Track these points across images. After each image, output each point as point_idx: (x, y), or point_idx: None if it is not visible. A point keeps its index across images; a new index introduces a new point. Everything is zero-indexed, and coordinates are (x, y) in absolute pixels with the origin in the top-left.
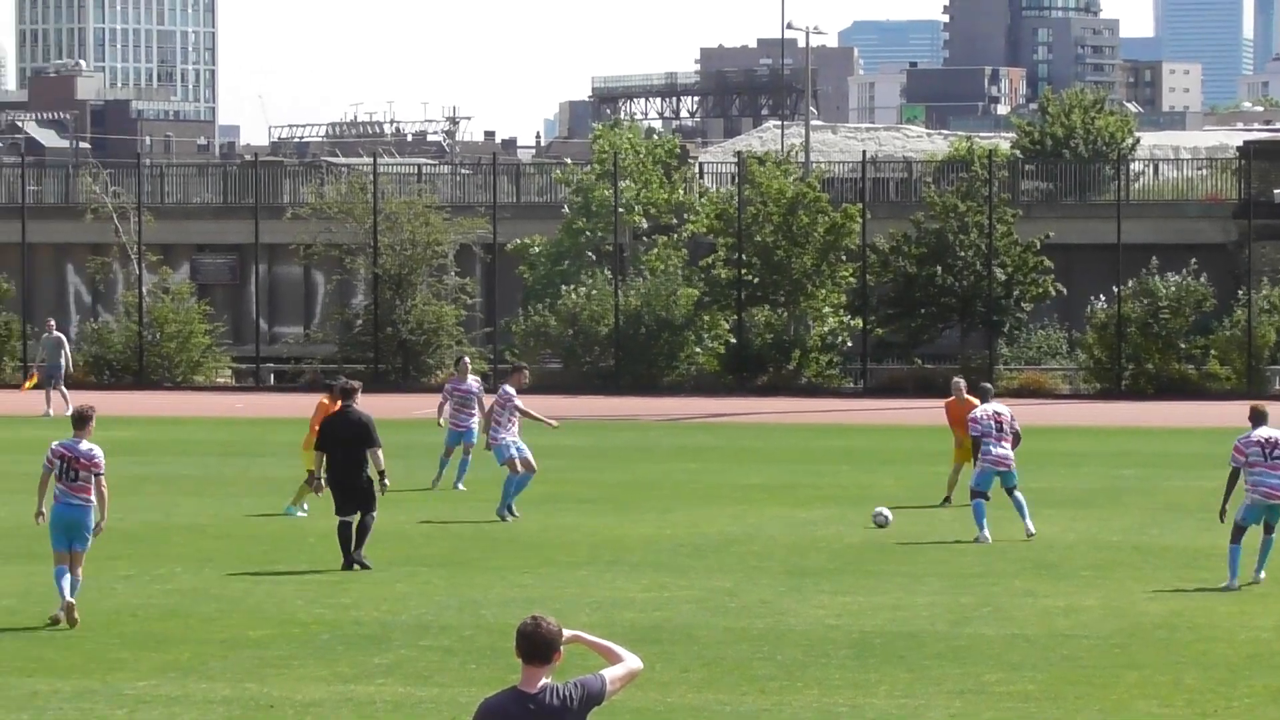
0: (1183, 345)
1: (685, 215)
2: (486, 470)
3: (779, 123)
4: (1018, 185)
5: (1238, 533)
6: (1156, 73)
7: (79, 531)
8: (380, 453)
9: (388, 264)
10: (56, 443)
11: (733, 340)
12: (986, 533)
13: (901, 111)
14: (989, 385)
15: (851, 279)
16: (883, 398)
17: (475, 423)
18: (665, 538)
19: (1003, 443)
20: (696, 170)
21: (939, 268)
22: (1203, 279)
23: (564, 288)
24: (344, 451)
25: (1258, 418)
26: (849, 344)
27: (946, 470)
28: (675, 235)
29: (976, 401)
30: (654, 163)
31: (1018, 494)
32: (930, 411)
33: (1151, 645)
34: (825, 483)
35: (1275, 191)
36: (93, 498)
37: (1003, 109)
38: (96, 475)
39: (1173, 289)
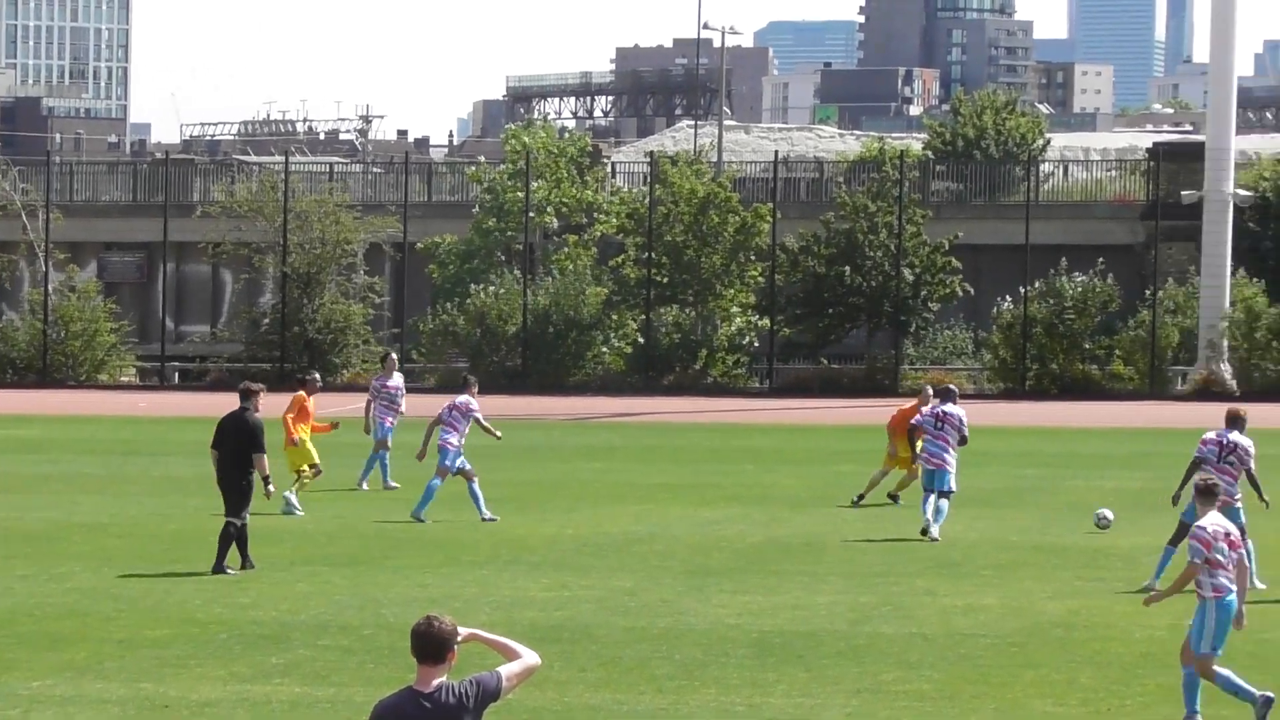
0: (1087, 346)
1: (595, 215)
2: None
3: (692, 123)
4: (928, 186)
5: (1180, 532)
6: (1069, 74)
7: None
8: (265, 459)
9: (297, 263)
10: None
11: (640, 340)
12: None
13: (815, 112)
14: (953, 387)
15: (760, 279)
16: (788, 397)
17: (393, 421)
18: (568, 537)
19: (939, 441)
20: (609, 170)
21: (848, 268)
22: (1109, 280)
23: (473, 287)
24: (231, 452)
25: (1232, 421)
26: (756, 344)
27: (852, 469)
28: (585, 235)
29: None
30: (566, 162)
31: (942, 501)
32: (836, 411)
33: (1049, 644)
34: (729, 482)
35: (1184, 193)
36: None
37: (916, 110)
38: None
39: (1079, 290)
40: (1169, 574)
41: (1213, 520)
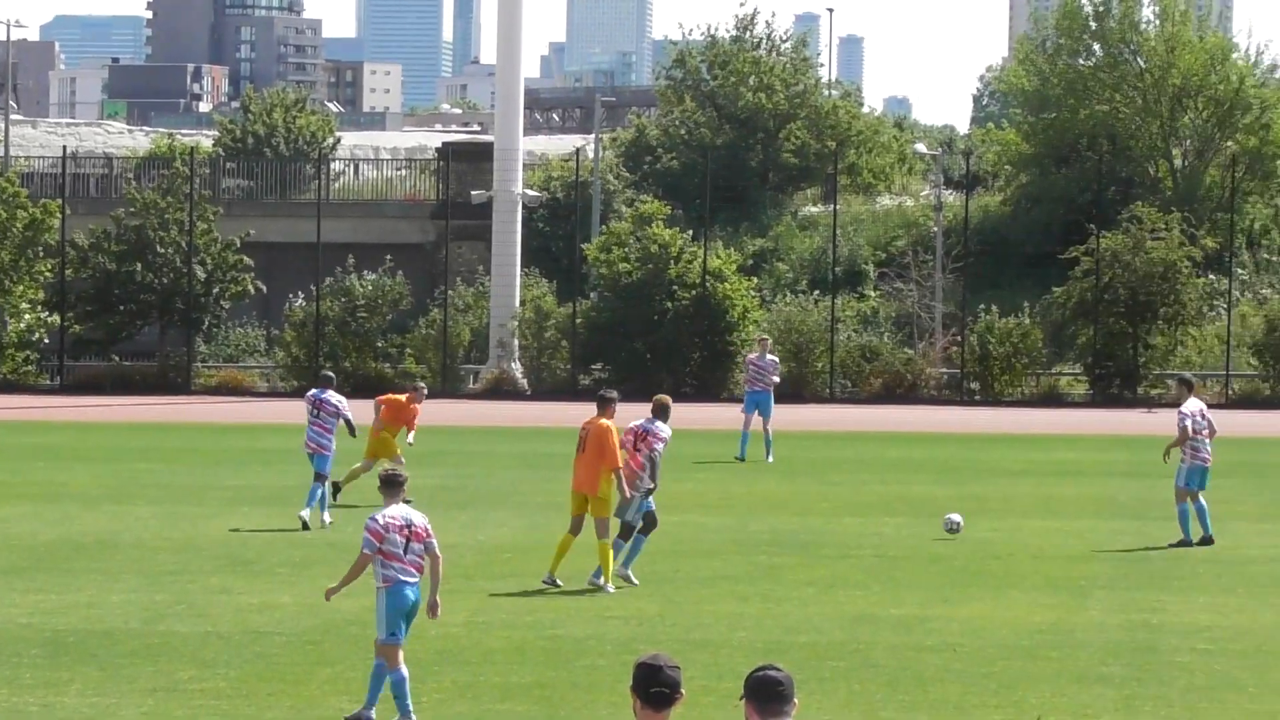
0: (380, 344)
1: None
2: None
3: None
4: (219, 183)
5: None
6: (358, 73)
7: None
8: None
9: None
10: None
11: None
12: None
13: (104, 107)
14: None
15: (50, 275)
16: (80, 395)
17: None
18: None
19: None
20: None
21: (139, 265)
22: (399, 277)
23: None
24: None
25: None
26: (46, 340)
27: (147, 467)
28: None
29: None
30: None
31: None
32: (128, 409)
33: (345, 642)
34: (19, 480)
35: (473, 193)
36: None
37: (205, 106)
38: None
39: (370, 288)
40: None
41: (389, 512)
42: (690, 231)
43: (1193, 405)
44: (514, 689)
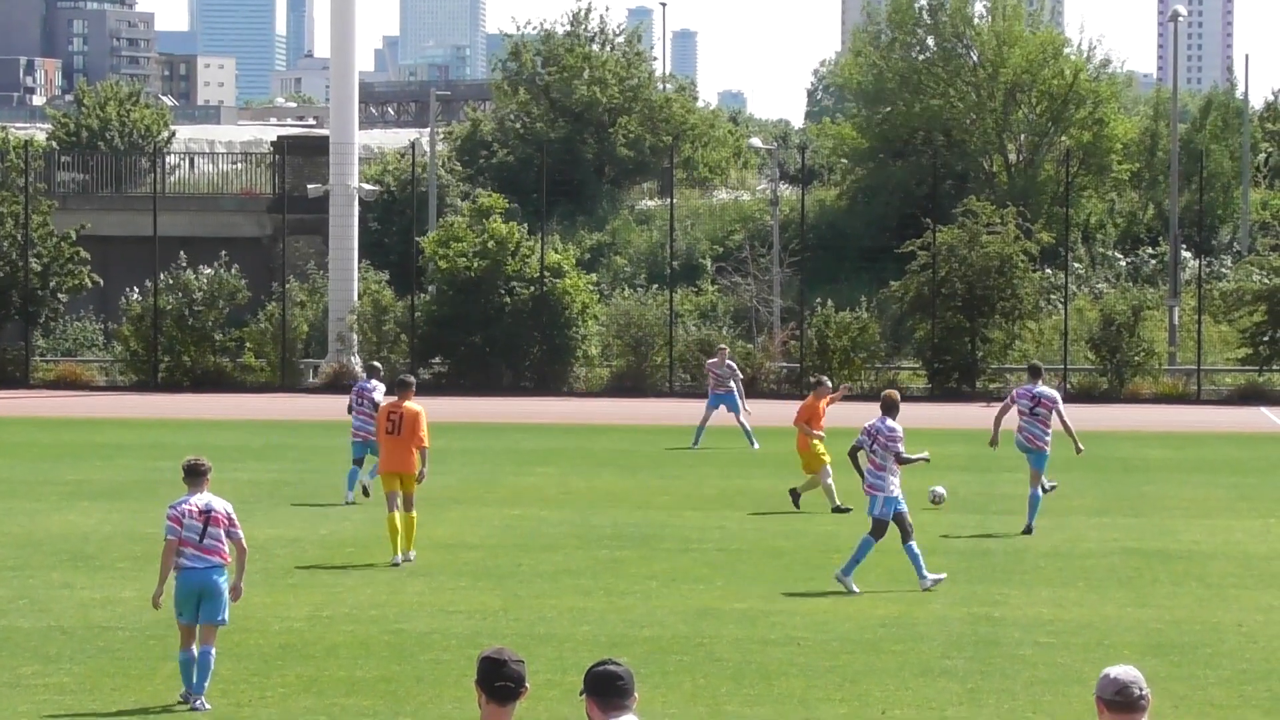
0: (218, 338)
1: None
2: None
3: None
4: (54, 176)
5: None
6: (192, 66)
7: None
8: None
9: None
10: None
11: None
12: None
13: None
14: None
15: None
16: None
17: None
18: None
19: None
20: None
21: None
22: (235, 271)
23: None
24: None
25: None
26: None
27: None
28: None
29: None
30: None
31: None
32: None
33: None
34: None
35: (309, 186)
36: None
37: (39, 100)
38: None
39: (206, 282)
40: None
41: (190, 499)
42: (526, 226)
43: (1024, 389)
44: (359, 683)
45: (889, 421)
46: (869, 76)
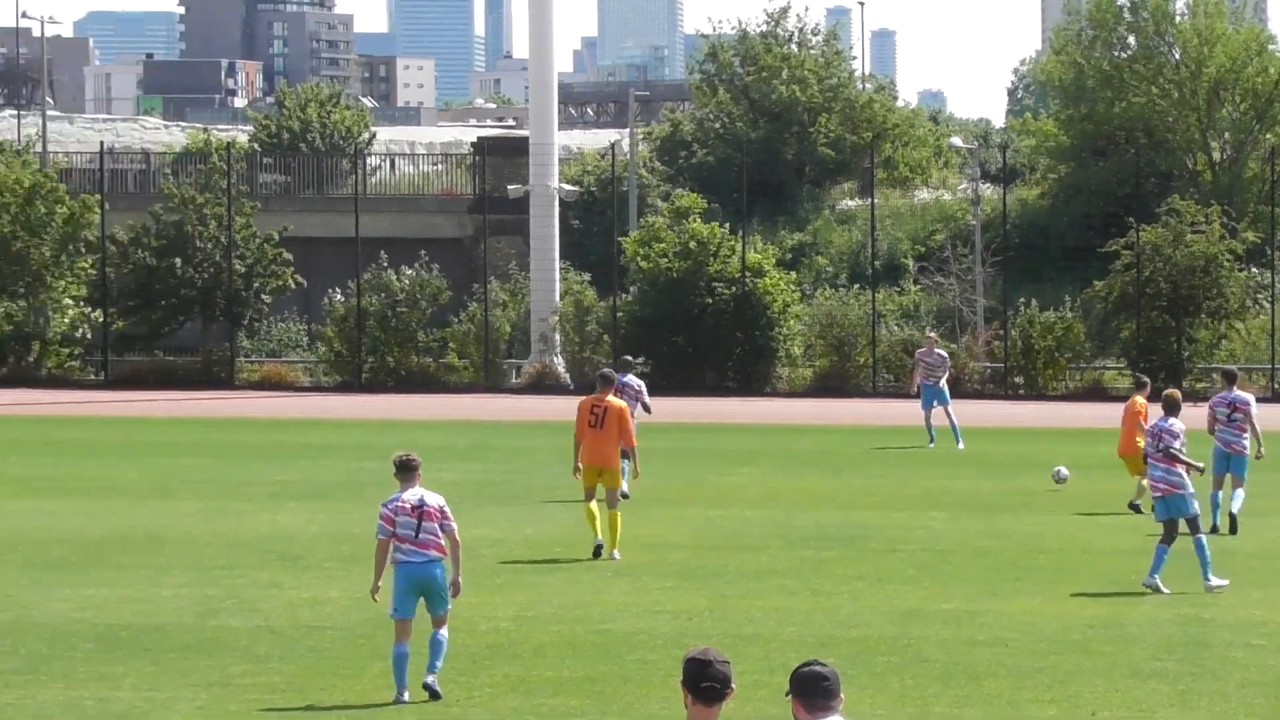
0: (421, 338)
1: None
2: None
3: (14, 112)
4: (256, 178)
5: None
6: (391, 68)
7: None
8: None
9: None
10: None
11: None
12: None
13: (139, 103)
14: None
15: (92, 270)
16: (124, 390)
17: None
18: None
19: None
20: None
21: (179, 260)
22: (436, 272)
23: None
24: None
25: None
26: (90, 336)
27: (192, 463)
28: None
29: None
30: None
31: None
32: (172, 404)
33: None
34: (67, 475)
35: (509, 188)
36: None
37: (240, 102)
38: None
39: (408, 283)
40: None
41: (402, 495)
42: (728, 226)
43: (1221, 396)
44: (566, 683)
45: (1171, 421)
46: (1070, 75)
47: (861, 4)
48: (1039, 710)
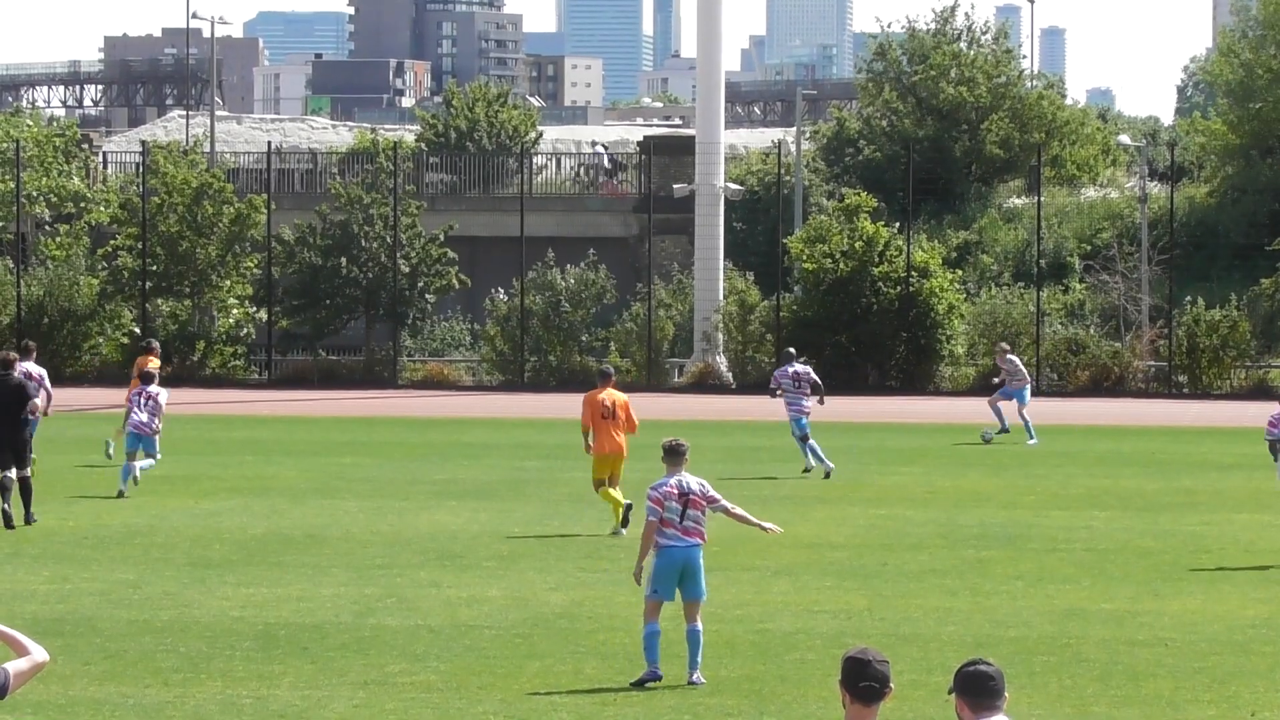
0: (584, 337)
1: (84, 204)
2: None
3: (184, 113)
4: (422, 177)
5: None
6: (559, 67)
7: None
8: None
9: None
10: None
11: (137, 330)
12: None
13: (307, 103)
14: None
15: (257, 270)
16: (288, 389)
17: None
18: (67, 529)
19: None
20: (100, 159)
21: (344, 259)
22: (602, 271)
23: None
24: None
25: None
26: (254, 335)
27: (353, 461)
28: (74, 224)
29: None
30: (55, 151)
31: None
32: (336, 403)
33: (553, 635)
34: (229, 474)
35: (675, 187)
36: None
37: (408, 101)
38: None
39: (572, 282)
40: None
41: (669, 480)
42: (896, 225)
43: None
44: (723, 682)
45: None
46: (1239, 73)
47: (1031, 2)
48: (1198, 711)
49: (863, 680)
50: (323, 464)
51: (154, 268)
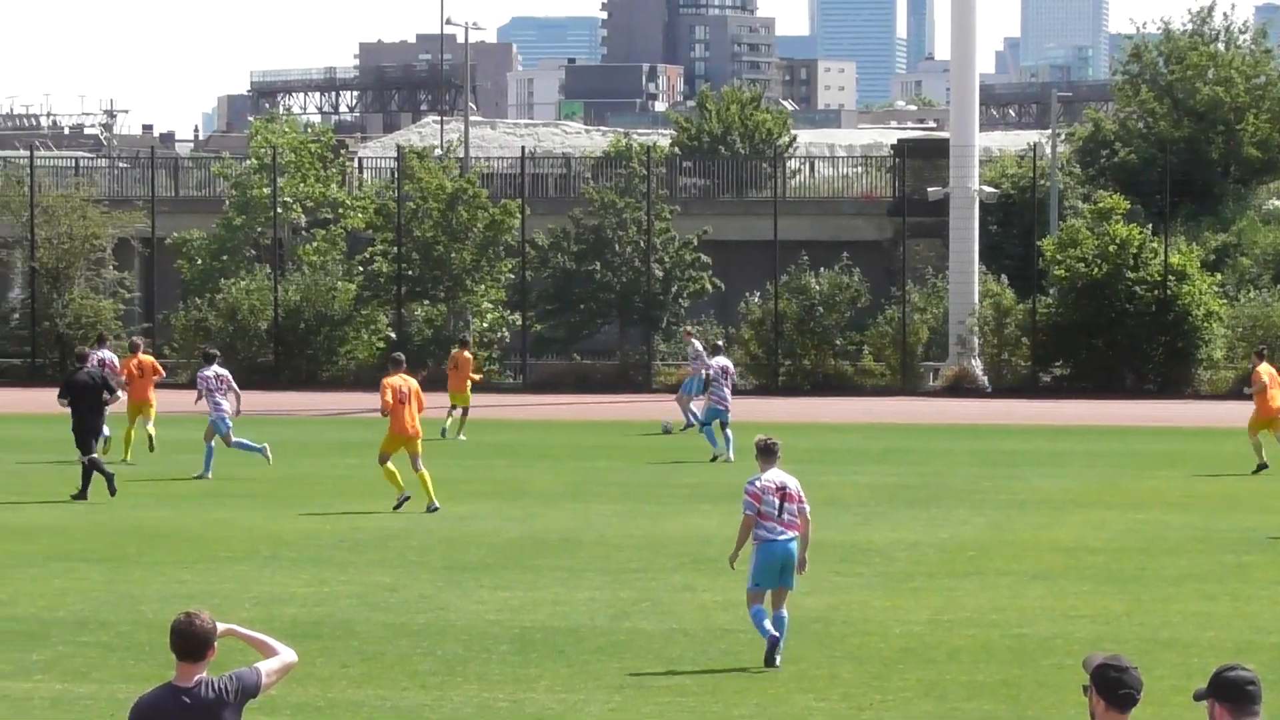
0: (838, 341)
1: (341, 210)
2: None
3: (438, 118)
4: (675, 182)
5: None
6: (812, 71)
7: None
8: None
9: (45, 258)
10: None
11: (392, 335)
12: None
13: (560, 108)
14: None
15: (511, 274)
16: (541, 393)
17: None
18: (325, 532)
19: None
20: (356, 165)
21: (598, 263)
22: (856, 275)
23: (223, 281)
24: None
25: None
26: (508, 339)
27: (606, 465)
28: (332, 229)
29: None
30: (311, 157)
31: None
32: (589, 407)
33: (808, 639)
34: (482, 478)
35: (929, 190)
36: None
37: (661, 106)
38: None
39: (826, 285)
40: None
41: (766, 476)
42: (1149, 226)
43: None
44: (980, 687)
45: None
46: None
47: None
48: None
49: (1123, 688)
50: (576, 468)
51: (409, 272)
